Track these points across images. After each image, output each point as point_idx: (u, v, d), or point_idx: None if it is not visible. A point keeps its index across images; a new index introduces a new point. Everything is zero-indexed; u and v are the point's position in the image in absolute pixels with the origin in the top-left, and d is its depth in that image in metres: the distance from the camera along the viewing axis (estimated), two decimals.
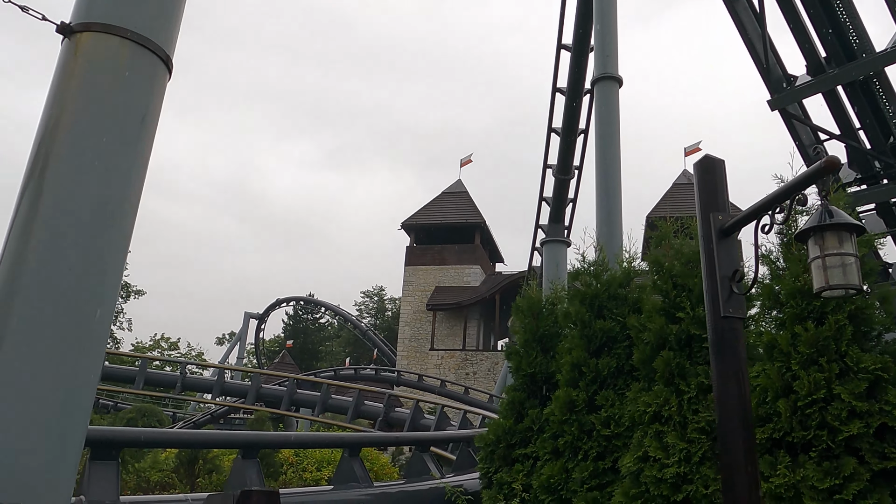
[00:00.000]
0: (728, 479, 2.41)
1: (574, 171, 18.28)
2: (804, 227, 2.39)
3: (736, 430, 2.37)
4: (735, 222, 2.53)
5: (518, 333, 6.87)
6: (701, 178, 2.62)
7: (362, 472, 5.92)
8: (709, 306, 2.68)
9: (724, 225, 2.55)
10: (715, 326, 2.52)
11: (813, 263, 2.42)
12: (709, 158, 2.63)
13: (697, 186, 2.62)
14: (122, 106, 2.88)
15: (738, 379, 2.44)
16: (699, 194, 2.64)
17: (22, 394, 2.44)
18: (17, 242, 2.62)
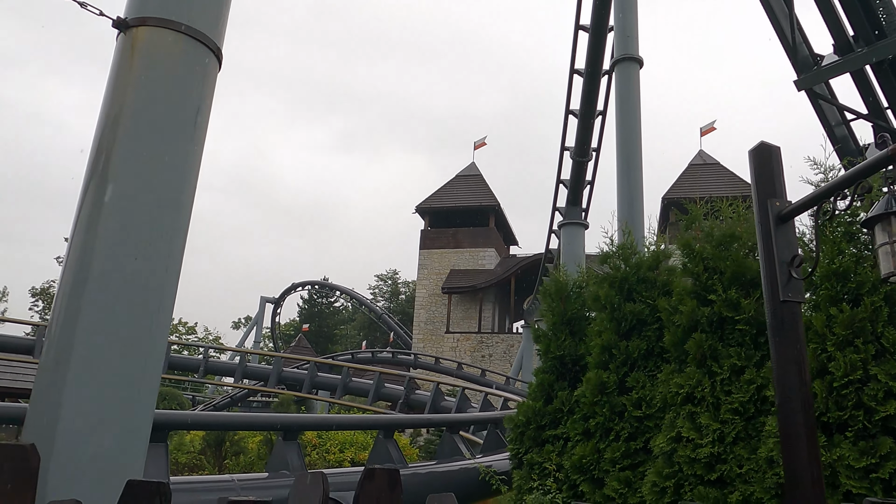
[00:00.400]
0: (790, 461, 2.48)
1: (592, 153, 18.21)
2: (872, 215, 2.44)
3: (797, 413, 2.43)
4: (794, 209, 2.56)
5: (546, 317, 6.94)
6: (757, 164, 2.65)
7: (397, 454, 6.05)
8: (767, 291, 2.72)
9: (781, 211, 2.58)
10: (774, 311, 2.56)
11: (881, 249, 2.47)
12: (764, 145, 2.66)
13: (753, 173, 2.65)
14: (178, 99, 2.95)
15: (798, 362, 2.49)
16: (755, 181, 2.67)
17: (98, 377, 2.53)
18: (84, 234, 2.71)
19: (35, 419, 2.51)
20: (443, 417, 8.52)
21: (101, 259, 2.64)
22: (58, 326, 2.60)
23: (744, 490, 4.54)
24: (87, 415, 2.47)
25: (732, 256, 5.33)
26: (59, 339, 2.57)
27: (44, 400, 2.49)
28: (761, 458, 4.54)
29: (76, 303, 2.58)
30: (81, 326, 2.54)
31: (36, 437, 2.49)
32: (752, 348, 5.00)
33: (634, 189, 11.65)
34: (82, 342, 2.53)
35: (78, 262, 2.67)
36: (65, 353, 2.51)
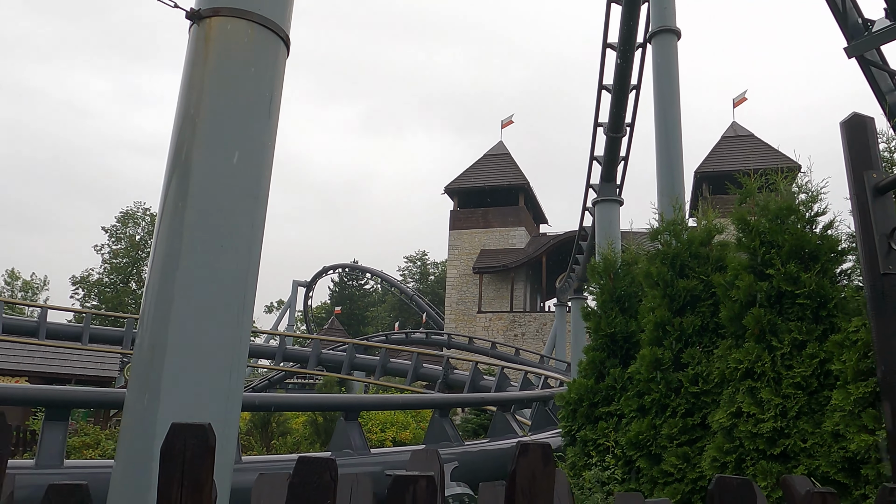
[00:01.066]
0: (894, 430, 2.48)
1: (626, 128, 17.95)
2: None
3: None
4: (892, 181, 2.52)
5: (595, 294, 6.93)
6: (850, 136, 2.60)
7: (453, 432, 6.13)
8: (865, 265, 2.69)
9: (878, 183, 2.54)
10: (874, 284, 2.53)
11: None
12: (857, 116, 2.61)
13: (847, 145, 2.60)
14: (253, 89, 3.00)
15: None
16: (849, 153, 2.63)
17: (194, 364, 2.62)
18: (170, 225, 2.78)
19: (135, 406, 2.60)
20: (495, 396, 8.59)
21: (188, 249, 2.71)
22: (150, 316, 2.68)
23: (808, 464, 4.53)
24: (187, 401, 2.56)
25: (790, 230, 5.25)
26: (153, 328, 2.65)
27: (143, 387, 2.58)
28: (826, 433, 4.51)
29: (168, 293, 2.66)
30: (175, 315, 2.62)
31: (137, 423, 2.59)
32: (812, 322, 4.94)
33: (675, 165, 11.49)
34: (176, 331, 2.60)
35: (166, 252, 2.74)
36: (160, 342, 2.60)
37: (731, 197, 7.14)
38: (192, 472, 1.08)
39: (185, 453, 1.08)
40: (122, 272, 49.46)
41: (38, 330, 20.60)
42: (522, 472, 1.15)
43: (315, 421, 12.80)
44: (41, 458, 3.69)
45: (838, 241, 5.15)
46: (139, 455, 2.55)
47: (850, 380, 4.37)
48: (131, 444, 2.60)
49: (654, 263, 6.22)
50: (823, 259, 5.09)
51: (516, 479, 1.15)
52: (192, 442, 1.09)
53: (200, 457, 1.09)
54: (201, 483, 1.09)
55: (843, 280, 5.12)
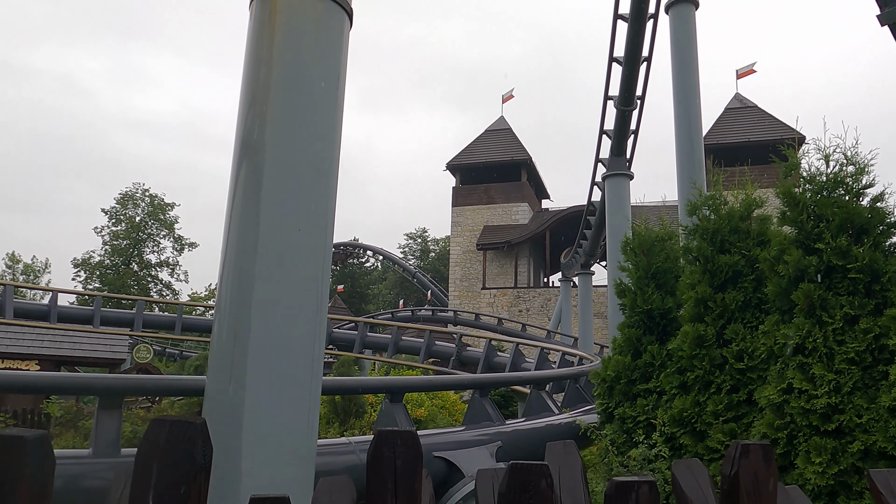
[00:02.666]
0: None
1: (636, 101, 17.73)
2: None
3: None
4: None
5: (629, 271, 6.85)
6: None
7: (494, 411, 6.10)
8: None
9: None
10: None
11: None
12: None
13: None
14: (321, 63, 2.88)
15: None
16: None
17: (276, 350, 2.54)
18: (244, 207, 2.68)
19: (219, 395, 2.53)
20: (532, 375, 8.58)
21: (266, 233, 2.61)
22: (229, 303, 2.59)
23: (864, 440, 4.49)
24: (272, 390, 2.48)
25: (839, 202, 5.16)
26: (234, 315, 2.56)
27: (226, 376, 2.50)
28: (882, 408, 4.47)
29: (248, 279, 2.57)
30: (257, 302, 2.53)
31: (223, 412, 2.51)
32: (864, 297, 4.88)
33: (695, 138, 11.35)
34: (260, 318, 2.52)
35: (241, 237, 2.65)
36: (243, 329, 2.51)
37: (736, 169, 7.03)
38: (405, 480, 1.00)
39: (396, 462, 1.00)
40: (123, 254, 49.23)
41: (49, 313, 20.53)
42: (745, 473, 1.07)
43: (333, 400, 12.79)
44: (97, 447, 3.63)
45: (889, 213, 5.07)
46: (226, 445, 2.48)
47: None
48: (217, 434, 2.52)
49: (692, 239, 6.14)
50: (874, 232, 5.02)
51: (740, 481, 1.07)
52: (402, 449, 1.01)
53: (412, 464, 1.01)
54: (416, 491, 1.01)
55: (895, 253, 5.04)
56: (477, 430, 5.61)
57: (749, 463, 1.08)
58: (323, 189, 2.78)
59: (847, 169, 5.27)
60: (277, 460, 2.46)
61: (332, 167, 2.85)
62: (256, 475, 2.42)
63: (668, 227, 7.01)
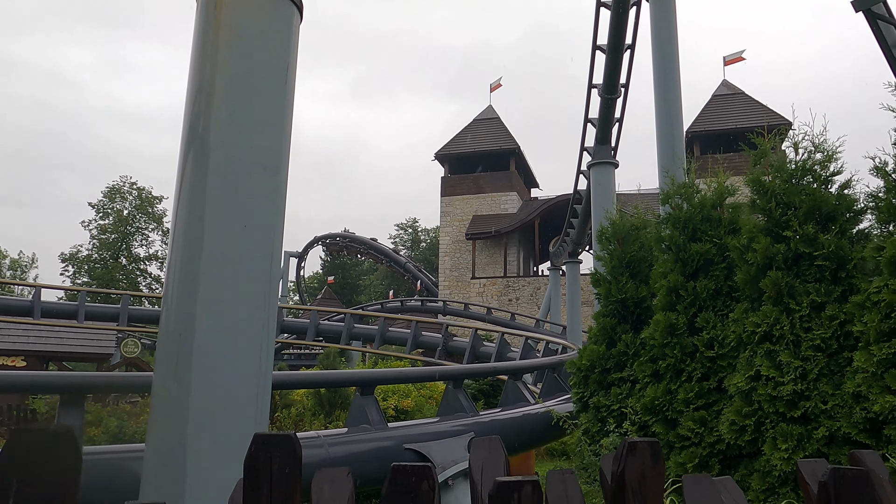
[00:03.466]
0: None
1: (621, 89, 17.71)
2: None
3: None
4: None
5: (604, 260, 6.86)
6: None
7: (467, 403, 6.11)
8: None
9: None
10: None
11: None
12: None
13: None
14: (269, 57, 2.85)
15: None
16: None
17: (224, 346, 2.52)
18: (190, 203, 2.66)
19: (164, 391, 2.51)
20: (507, 366, 8.59)
21: (211, 230, 2.59)
22: (175, 300, 2.58)
23: (829, 426, 4.53)
24: (219, 386, 2.47)
25: (807, 190, 5.18)
26: (179, 312, 2.55)
27: (171, 373, 2.48)
28: (847, 394, 4.50)
29: (193, 276, 2.55)
30: (202, 299, 2.51)
31: (169, 409, 2.50)
32: (831, 284, 4.90)
33: (675, 125, 11.35)
34: (205, 315, 2.51)
35: (187, 234, 2.62)
36: (188, 326, 2.49)
37: (724, 156, 7.06)
38: (281, 486, 0.99)
39: (272, 467, 0.99)
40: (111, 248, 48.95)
41: (33, 309, 20.39)
42: (631, 472, 1.07)
43: (318, 392, 12.79)
44: None
45: (855, 200, 5.09)
46: (171, 441, 2.47)
47: (872, 341, 4.34)
48: (163, 431, 2.52)
49: (665, 228, 6.15)
50: (841, 219, 5.04)
51: (626, 480, 1.07)
52: (278, 454, 1.00)
53: (289, 470, 1.00)
54: (292, 497, 1.00)
55: (861, 240, 5.06)
56: (450, 422, 5.62)
57: (636, 461, 1.07)
58: (271, 185, 2.76)
59: (815, 156, 5.28)
60: (225, 456, 2.45)
61: (280, 163, 2.82)
62: (203, 472, 2.41)
63: (643, 216, 7.01)
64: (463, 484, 4.80)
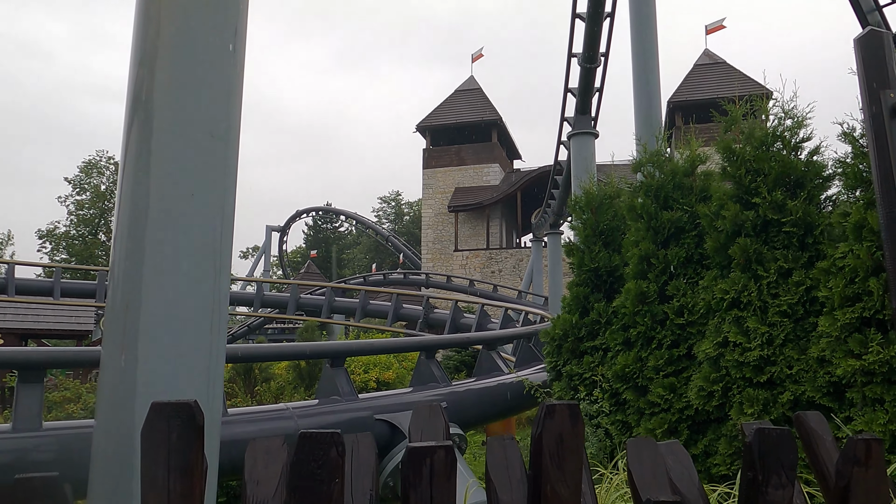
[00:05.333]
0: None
1: (601, 58, 17.54)
2: None
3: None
4: None
5: (577, 230, 6.85)
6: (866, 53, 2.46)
7: (440, 372, 6.11)
8: (881, 189, 2.60)
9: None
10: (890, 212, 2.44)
11: None
12: (874, 32, 2.47)
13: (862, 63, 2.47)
14: (215, 16, 2.74)
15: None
16: (864, 71, 2.50)
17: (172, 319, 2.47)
18: (135, 173, 2.58)
19: (112, 365, 2.46)
20: (481, 336, 8.62)
21: (157, 199, 2.52)
22: (121, 272, 2.51)
23: (794, 390, 4.58)
24: (167, 359, 2.42)
25: (776, 157, 5.16)
26: (125, 284, 2.49)
27: (119, 346, 2.43)
28: (812, 359, 4.55)
29: (138, 247, 2.48)
30: (148, 271, 2.45)
31: (117, 383, 2.45)
32: (798, 250, 4.92)
33: (652, 94, 11.29)
34: (151, 287, 2.45)
35: (132, 204, 2.55)
36: (134, 299, 2.43)
37: (704, 126, 7.05)
38: (179, 455, 0.95)
39: (171, 435, 0.95)
40: (89, 224, 48.32)
41: (7, 286, 20.11)
42: (549, 434, 1.04)
43: (298, 366, 12.80)
44: (17, 421, 3.55)
45: (824, 166, 5.09)
46: (119, 417, 2.43)
47: (836, 306, 4.37)
48: (111, 406, 2.48)
49: (637, 196, 6.13)
50: (809, 186, 5.04)
51: (543, 443, 1.04)
52: (176, 422, 0.96)
53: (188, 438, 0.96)
54: (191, 467, 0.96)
55: (829, 206, 5.08)
56: (423, 392, 5.63)
57: (554, 423, 1.05)
58: (220, 153, 2.68)
59: (785, 123, 5.26)
60: None
61: (230, 129, 2.74)
62: None
63: (617, 186, 6.99)
64: None
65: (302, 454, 1.00)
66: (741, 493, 1.16)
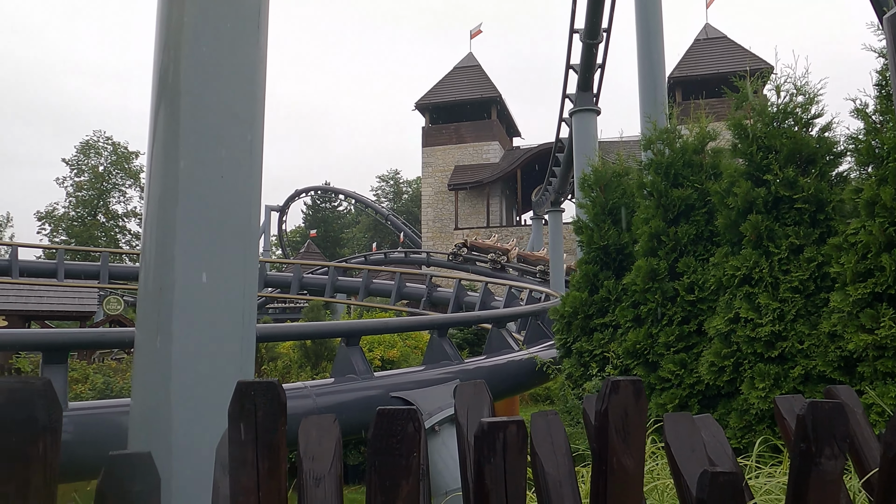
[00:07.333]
0: None
1: (603, 34, 17.40)
2: None
3: None
4: None
5: (585, 207, 6.87)
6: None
7: (452, 350, 6.18)
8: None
9: None
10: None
11: None
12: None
13: (893, 40, 2.47)
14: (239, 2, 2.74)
15: None
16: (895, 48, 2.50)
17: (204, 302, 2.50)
18: (164, 154, 2.59)
19: (147, 346, 2.50)
20: (491, 314, 8.69)
21: (186, 182, 2.54)
22: (153, 256, 2.54)
23: (805, 364, 4.65)
24: (201, 341, 2.46)
25: (788, 133, 5.17)
26: (158, 267, 2.52)
27: (153, 328, 2.46)
28: (823, 334, 4.60)
29: (169, 230, 2.52)
30: (180, 254, 2.48)
31: (151, 364, 2.49)
32: (810, 226, 4.95)
33: (657, 70, 11.24)
34: (183, 270, 2.48)
35: (162, 188, 2.57)
36: (167, 282, 2.47)
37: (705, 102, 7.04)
38: (266, 433, 0.99)
39: (257, 414, 0.99)
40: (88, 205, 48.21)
41: (11, 268, 20.14)
42: (614, 410, 1.08)
43: (304, 345, 12.88)
44: None
45: (835, 143, 5.10)
46: (156, 397, 2.48)
47: (848, 281, 4.42)
48: (146, 387, 2.52)
49: (647, 173, 6.14)
50: (821, 162, 5.06)
51: (609, 418, 1.08)
52: (262, 401, 0.99)
53: (273, 417, 1.00)
54: (276, 444, 1.00)
55: (840, 183, 5.10)
56: (436, 370, 5.70)
57: (619, 398, 1.09)
58: (246, 134, 2.70)
59: (797, 99, 5.26)
60: (211, 410, 2.46)
61: (254, 110, 2.75)
62: (188, 425, 2.42)
63: (626, 163, 7.00)
64: (449, 429, 4.90)
65: (379, 430, 1.04)
66: (793, 465, 1.21)
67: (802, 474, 1.19)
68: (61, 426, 0.97)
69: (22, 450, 0.89)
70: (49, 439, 0.93)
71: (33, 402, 0.91)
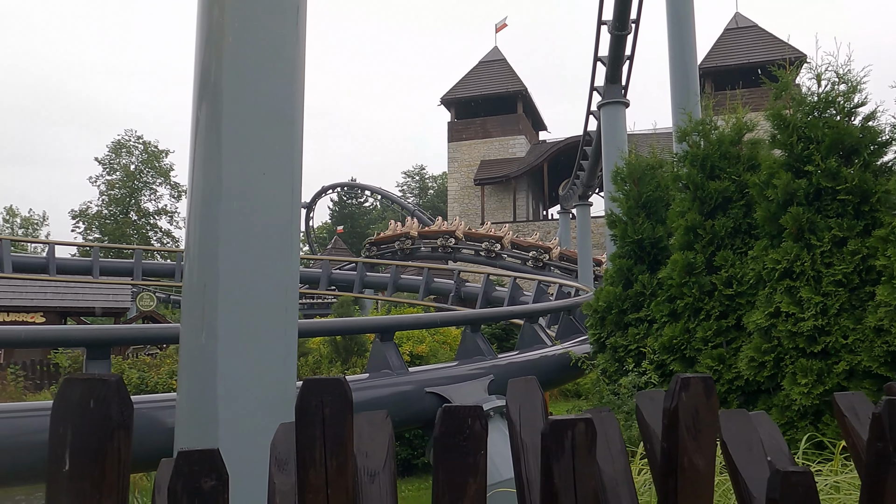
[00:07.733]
0: None
1: (631, 25, 17.20)
2: None
3: None
4: None
5: (619, 201, 6.79)
6: None
7: (485, 346, 6.16)
8: None
9: None
10: None
11: None
12: None
13: None
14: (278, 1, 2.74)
15: None
16: None
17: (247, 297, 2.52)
18: (206, 151, 2.61)
19: (192, 344, 2.52)
20: (524, 308, 8.67)
21: (228, 180, 2.55)
22: (197, 253, 2.56)
23: (850, 360, 4.53)
24: (245, 337, 2.48)
25: (829, 123, 5.05)
26: (202, 264, 2.54)
27: (198, 325, 2.49)
28: (868, 328, 4.49)
29: (213, 227, 2.53)
30: (224, 250, 2.50)
31: (197, 361, 2.51)
32: (853, 218, 4.83)
33: (689, 60, 11.05)
34: (227, 266, 2.49)
35: (204, 185, 2.59)
36: (212, 279, 2.49)
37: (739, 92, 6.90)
38: (334, 431, 0.98)
39: (324, 411, 0.98)
40: (120, 203, 49.11)
41: (48, 266, 20.61)
42: (685, 407, 1.05)
43: (334, 340, 12.96)
44: None
45: (880, 132, 4.96)
46: (202, 393, 2.50)
47: (895, 275, 4.30)
48: (193, 383, 2.55)
49: (682, 166, 6.05)
50: (865, 152, 4.92)
51: (679, 416, 1.05)
52: (329, 398, 0.99)
53: (341, 414, 0.99)
54: (344, 441, 0.99)
55: (886, 173, 4.96)
56: (469, 365, 5.69)
57: (689, 396, 1.06)
58: (287, 131, 2.71)
59: (839, 88, 5.13)
60: (256, 406, 2.48)
61: (294, 108, 2.76)
62: (234, 421, 2.44)
63: (659, 156, 6.90)
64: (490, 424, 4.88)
65: (445, 428, 1.03)
66: (868, 465, 1.17)
67: (879, 475, 1.15)
68: (133, 423, 0.97)
69: (98, 446, 0.90)
70: (122, 435, 0.93)
71: (108, 399, 0.91)
